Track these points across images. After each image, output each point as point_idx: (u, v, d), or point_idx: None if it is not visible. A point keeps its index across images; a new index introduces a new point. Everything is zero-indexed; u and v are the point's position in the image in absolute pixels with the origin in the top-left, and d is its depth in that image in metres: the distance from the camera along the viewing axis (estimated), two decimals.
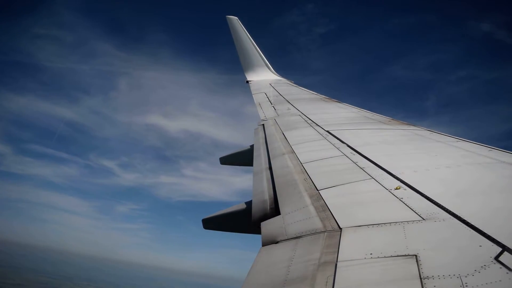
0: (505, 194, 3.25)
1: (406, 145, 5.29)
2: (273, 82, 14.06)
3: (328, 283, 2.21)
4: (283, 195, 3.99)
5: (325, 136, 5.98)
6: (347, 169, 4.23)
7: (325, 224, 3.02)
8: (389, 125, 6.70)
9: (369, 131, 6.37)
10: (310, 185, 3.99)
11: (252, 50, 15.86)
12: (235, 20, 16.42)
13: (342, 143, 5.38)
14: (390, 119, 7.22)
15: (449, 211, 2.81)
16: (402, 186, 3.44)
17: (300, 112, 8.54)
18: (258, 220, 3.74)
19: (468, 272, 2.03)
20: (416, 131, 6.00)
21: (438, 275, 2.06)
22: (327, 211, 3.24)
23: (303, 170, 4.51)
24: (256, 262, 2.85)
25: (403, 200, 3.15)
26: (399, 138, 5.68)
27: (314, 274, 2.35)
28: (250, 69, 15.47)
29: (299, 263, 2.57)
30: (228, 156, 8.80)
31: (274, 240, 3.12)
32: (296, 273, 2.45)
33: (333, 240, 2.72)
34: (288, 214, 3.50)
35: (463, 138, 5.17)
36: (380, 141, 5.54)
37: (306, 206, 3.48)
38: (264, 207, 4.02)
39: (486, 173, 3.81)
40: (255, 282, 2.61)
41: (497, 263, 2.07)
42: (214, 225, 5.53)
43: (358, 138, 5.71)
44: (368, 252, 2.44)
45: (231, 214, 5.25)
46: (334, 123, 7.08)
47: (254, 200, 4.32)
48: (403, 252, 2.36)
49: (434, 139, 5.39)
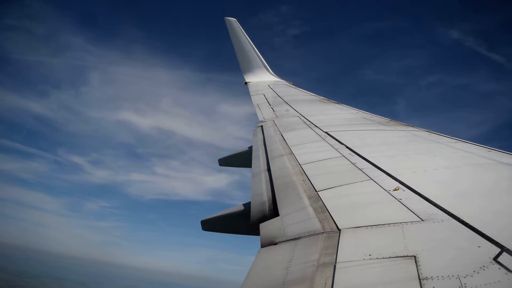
0: (504, 195, 3.25)
1: (405, 146, 5.30)
2: (272, 83, 14.06)
3: (327, 284, 2.21)
4: (281, 196, 3.99)
5: (324, 137, 5.98)
6: (345, 170, 4.23)
7: (324, 225, 3.02)
8: (387, 126, 6.70)
9: (367, 132, 6.37)
10: (309, 186, 3.98)
11: (251, 52, 15.87)
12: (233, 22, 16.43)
13: (340, 144, 5.38)
14: (388, 120, 7.23)
15: (447, 212, 2.81)
16: (401, 187, 3.44)
17: (298, 114, 8.54)
18: (257, 221, 3.74)
19: (467, 273, 2.03)
20: (414, 132, 6.00)
21: (437, 276, 2.05)
22: (326, 212, 3.24)
23: (302, 171, 4.51)
24: (255, 263, 2.85)
25: (402, 201, 3.15)
26: (397, 139, 5.68)
27: (313, 276, 2.34)
28: (249, 70, 15.47)
29: (298, 265, 2.57)
30: (226, 158, 8.80)
31: (273, 241, 3.11)
32: (295, 275, 2.45)
33: (332, 241, 2.72)
34: (287, 215, 3.50)
35: (462, 139, 5.18)
36: (378, 142, 5.55)
37: (305, 208, 3.48)
38: (263, 208, 4.02)
39: (485, 174, 3.82)
40: (254, 283, 2.61)
41: (496, 263, 2.07)
42: (212, 226, 5.52)
43: (357, 139, 5.71)
44: (367, 253, 2.43)
45: (230, 215, 5.24)
46: (332, 124, 7.08)
47: (253, 201, 4.31)
48: (402, 253, 2.36)
49: (433, 140, 5.39)
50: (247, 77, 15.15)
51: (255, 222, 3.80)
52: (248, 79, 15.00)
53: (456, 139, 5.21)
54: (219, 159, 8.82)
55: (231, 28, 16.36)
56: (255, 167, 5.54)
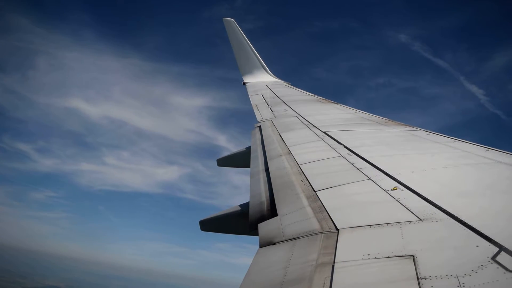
0: (503, 194, 3.25)
1: (403, 145, 5.30)
2: (270, 83, 14.07)
3: (325, 284, 2.21)
4: (280, 196, 3.99)
5: (322, 137, 5.98)
6: (344, 170, 4.23)
7: (322, 225, 3.02)
8: (386, 126, 6.71)
9: (366, 132, 6.37)
10: (307, 186, 3.98)
11: (249, 52, 15.87)
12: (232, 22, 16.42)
13: (339, 144, 5.38)
14: (387, 120, 7.23)
15: (446, 212, 2.81)
16: (399, 187, 3.44)
17: (297, 114, 8.54)
18: (256, 221, 3.73)
19: (465, 272, 2.03)
20: (413, 131, 6.01)
21: (435, 275, 2.05)
22: (324, 212, 3.24)
23: (300, 171, 4.51)
24: (253, 263, 2.84)
25: (400, 201, 3.15)
26: (396, 139, 5.69)
27: (311, 276, 2.34)
28: (247, 71, 15.47)
29: (296, 265, 2.56)
30: (225, 158, 8.79)
31: (271, 241, 3.11)
32: (294, 275, 2.45)
33: (330, 241, 2.72)
34: (285, 215, 3.50)
35: (460, 139, 5.18)
36: (377, 142, 5.55)
37: (303, 207, 3.47)
38: (261, 208, 4.01)
39: (483, 174, 3.82)
40: (253, 283, 2.60)
41: (494, 263, 2.07)
42: (211, 226, 5.51)
43: (355, 139, 5.71)
44: (366, 253, 2.43)
45: (228, 215, 5.24)
46: (331, 124, 7.08)
47: (251, 201, 4.31)
48: (400, 252, 2.36)
49: (431, 139, 5.40)
50: (245, 78, 15.15)
51: (253, 222, 3.80)
52: (246, 80, 15.00)
53: (455, 139, 5.21)
54: (218, 159, 8.82)
55: (229, 29, 16.35)
56: (253, 167, 5.54)
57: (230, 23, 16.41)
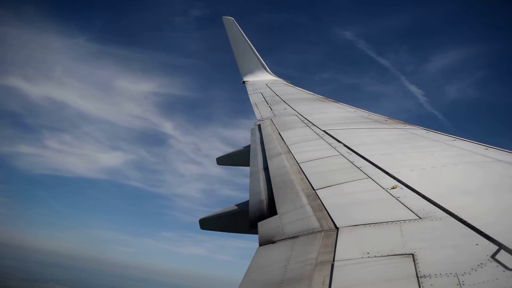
0: (502, 193, 3.25)
1: (403, 144, 5.30)
2: (270, 82, 14.06)
3: (325, 282, 2.21)
4: (280, 195, 3.98)
5: (322, 135, 5.98)
6: (343, 169, 4.23)
7: (322, 224, 3.02)
8: (385, 125, 6.71)
9: (365, 131, 6.37)
10: (307, 185, 3.98)
11: (248, 51, 15.85)
12: (231, 21, 16.39)
13: (338, 142, 5.38)
14: (386, 119, 7.23)
15: (445, 210, 2.81)
16: (399, 185, 3.44)
17: (296, 112, 8.54)
18: (255, 220, 3.73)
19: (465, 270, 2.03)
20: (412, 130, 6.01)
21: (435, 274, 2.05)
22: (324, 211, 3.24)
23: (300, 170, 4.51)
24: (253, 262, 2.84)
25: (400, 199, 3.15)
26: (395, 137, 5.68)
27: (311, 274, 2.34)
28: (246, 69, 15.47)
29: (296, 263, 2.56)
30: (224, 157, 8.79)
31: (271, 240, 3.11)
32: (293, 273, 2.45)
33: (329, 240, 2.72)
34: (285, 214, 3.50)
35: (459, 137, 5.18)
36: (376, 140, 5.55)
37: (302, 206, 3.47)
38: (261, 207, 4.01)
39: (482, 172, 3.82)
40: (252, 281, 2.60)
41: (494, 261, 2.07)
42: (211, 225, 5.52)
43: (355, 137, 5.71)
44: (365, 252, 2.43)
45: (228, 214, 5.24)
46: (330, 123, 7.08)
47: (251, 200, 4.31)
48: (400, 251, 2.36)
49: (431, 138, 5.40)
50: (245, 76, 15.14)
51: (253, 220, 3.80)
52: (245, 78, 14.99)
53: (454, 137, 5.21)
54: (217, 158, 8.81)
55: (229, 27, 16.32)
56: (253, 166, 5.54)
57: (230, 22, 16.38)
